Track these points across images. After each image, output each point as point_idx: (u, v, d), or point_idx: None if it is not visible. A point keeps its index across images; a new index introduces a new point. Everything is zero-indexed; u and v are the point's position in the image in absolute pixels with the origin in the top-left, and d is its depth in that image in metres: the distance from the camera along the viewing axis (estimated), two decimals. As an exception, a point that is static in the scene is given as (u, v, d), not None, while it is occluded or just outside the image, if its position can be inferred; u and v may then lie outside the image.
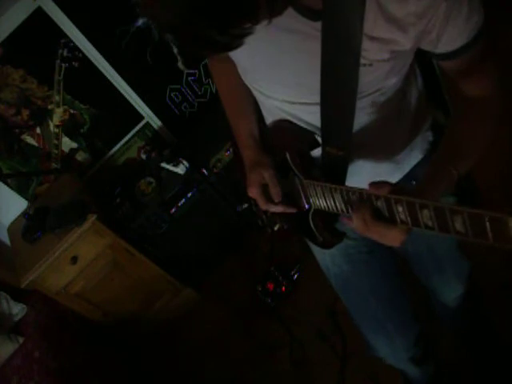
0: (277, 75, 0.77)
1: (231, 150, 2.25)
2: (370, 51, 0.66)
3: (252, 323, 2.18)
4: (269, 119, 0.94)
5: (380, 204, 0.64)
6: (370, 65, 0.68)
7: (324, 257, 1.07)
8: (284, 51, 0.71)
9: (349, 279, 1.07)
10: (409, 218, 0.60)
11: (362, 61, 0.67)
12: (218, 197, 2.38)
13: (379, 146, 0.87)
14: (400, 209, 0.60)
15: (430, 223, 0.57)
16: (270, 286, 2.20)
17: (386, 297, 1.08)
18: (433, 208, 0.55)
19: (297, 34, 0.68)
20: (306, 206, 0.87)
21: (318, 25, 0.65)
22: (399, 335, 1.12)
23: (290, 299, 2.16)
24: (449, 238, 1.10)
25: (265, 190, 0.88)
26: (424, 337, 1.19)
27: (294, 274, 2.21)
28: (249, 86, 0.89)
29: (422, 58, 0.78)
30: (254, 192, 0.89)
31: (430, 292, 1.27)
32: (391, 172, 0.92)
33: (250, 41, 0.71)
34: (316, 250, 1.08)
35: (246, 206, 1.16)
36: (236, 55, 0.80)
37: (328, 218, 0.88)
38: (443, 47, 0.66)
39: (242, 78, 0.88)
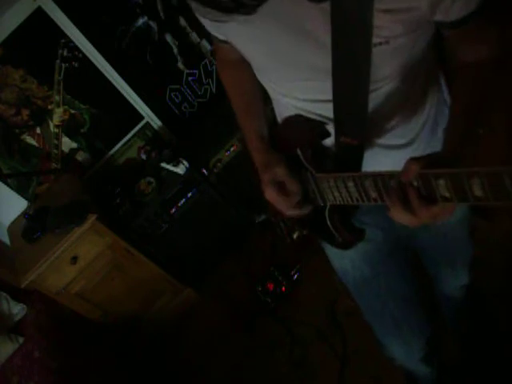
0: (286, 69, 0.75)
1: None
2: (383, 27, 0.62)
3: (252, 323, 2.18)
4: (280, 116, 0.92)
5: (416, 183, 0.58)
6: (387, 42, 0.65)
7: (343, 261, 1.05)
8: (291, 41, 0.68)
9: (368, 281, 1.05)
10: (454, 193, 0.54)
11: (377, 39, 0.63)
12: (218, 197, 2.38)
13: (396, 127, 0.84)
14: (442, 182, 0.54)
15: (481, 193, 0.50)
16: (270, 286, 2.20)
17: (404, 298, 1.08)
18: (485, 174, 0.49)
19: (303, 20, 0.64)
20: (322, 204, 0.84)
21: (326, 5, 0.62)
22: (414, 336, 1.13)
23: (290, 299, 2.16)
24: (465, 226, 1.07)
25: (281, 189, 0.82)
26: (434, 336, 1.20)
27: (294, 274, 2.21)
28: (264, 85, 0.87)
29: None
30: (270, 194, 0.83)
31: (436, 284, 1.28)
32: (407, 148, 0.89)
33: (257, 32, 0.69)
34: (334, 254, 1.06)
35: (262, 217, 1.13)
36: (245, 49, 0.78)
37: (345, 215, 0.86)
38: (454, 15, 0.64)
39: (258, 77, 0.86)
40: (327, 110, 0.78)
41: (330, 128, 0.81)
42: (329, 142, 0.83)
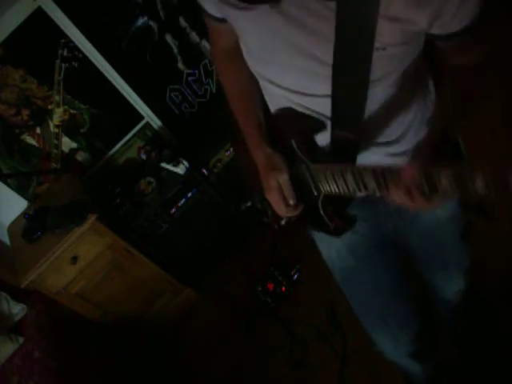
0: (282, 57, 0.74)
1: (231, 149, 2.25)
2: (384, 34, 0.64)
3: (252, 323, 2.18)
4: (273, 107, 0.92)
5: (418, 181, 0.62)
6: (384, 49, 0.67)
7: (330, 251, 1.07)
8: (293, 29, 0.68)
9: (353, 272, 1.06)
10: (456, 189, 0.57)
11: (376, 44, 0.65)
12: (218, 197, 2.38)
13: (389, 124, 0.87)
14: (445, 181, 0.58)
15: (484, 191, 0.53)
16: (270, 286, 2.20)
17: (389, 291, 1.08)
18: (489, 176, 0.51)
19: (309, 12, 0.65)
20: (315, 193, 0.87)
21: (333, 4, 0.62)
22: (401, 330, 1.13)
23: (290, 299, 2.16)
24: (455, 226, 1.06)
25: (281, 194, 0.89)
26: (425, 333, 1.19)
27: (294, 274, 2.21)
28: (254, 73, 0.86)
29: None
30: (274, 198, 0.91)
31: (432, 287, 1.28)
32: (393, 146, 0.92)
33: (262, 15, 0.68)
34: (322, 243, 1.08)
35: (248, 204, 1.15)
36: (244, 28, 0.77)
37: (338, 203, 0.87)
38: (449, 29, 0.66)
39: (248, 63, 0.85)
40: (319, 105, 0.80)
41: (326, 122, 0.82)
42: (322, 136, 0.85)
